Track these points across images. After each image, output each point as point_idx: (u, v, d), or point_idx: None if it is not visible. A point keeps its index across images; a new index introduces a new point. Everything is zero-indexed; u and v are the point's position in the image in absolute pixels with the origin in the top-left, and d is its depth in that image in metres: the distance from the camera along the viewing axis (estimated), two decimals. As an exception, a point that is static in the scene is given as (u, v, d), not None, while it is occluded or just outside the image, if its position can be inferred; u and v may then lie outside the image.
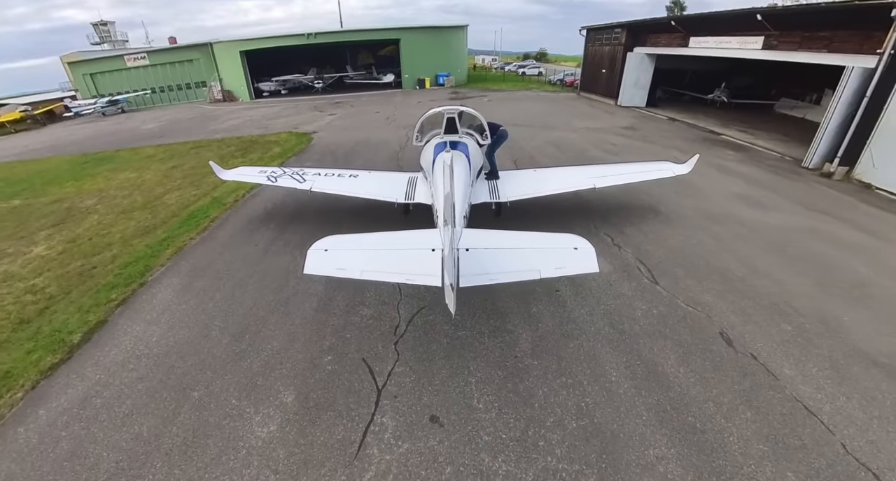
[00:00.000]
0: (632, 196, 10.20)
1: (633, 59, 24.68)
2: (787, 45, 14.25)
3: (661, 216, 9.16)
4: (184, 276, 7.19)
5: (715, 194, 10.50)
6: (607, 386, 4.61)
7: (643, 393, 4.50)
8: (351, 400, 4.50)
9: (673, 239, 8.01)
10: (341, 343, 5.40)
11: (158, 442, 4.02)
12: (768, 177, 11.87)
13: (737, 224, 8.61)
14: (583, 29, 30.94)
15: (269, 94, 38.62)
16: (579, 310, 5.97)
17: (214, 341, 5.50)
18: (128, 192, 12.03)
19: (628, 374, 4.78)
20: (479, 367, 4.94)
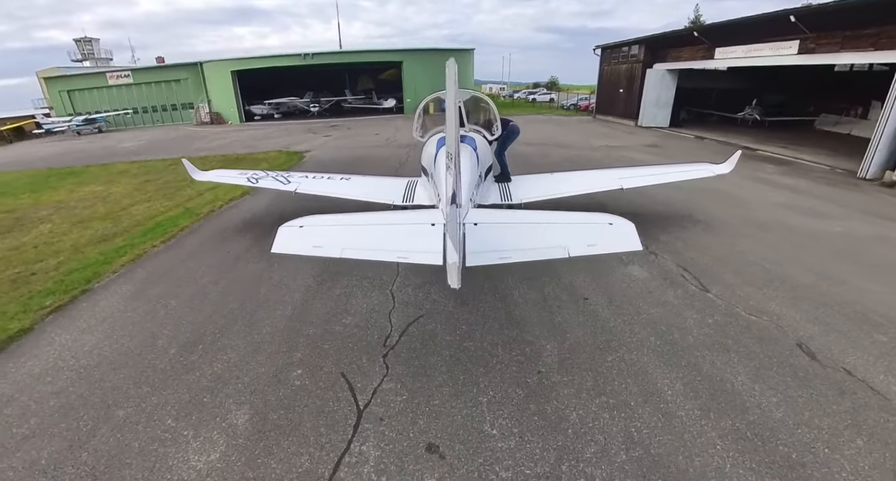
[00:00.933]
0: (662, 205, 9.81)
1: (652, 76, 25.05)
2: (827, 47, 14.21)
3: (699, 224, 8.74)
4: (137, 283, 6.63)
5: (759, 204, 10.15)
6: (663, 408, 3.84)
7: (712, 417, 3.72)
8: (322, 422, 3.75)
9: (717, 247, 7.50)
10: (316, 355, 4.70)
11: (57, 472, 3.25)
12: (820, 189, 11.43)
13: (791, 232, 8.19)
14: (597, 48, 31.85)
15: (260, 118, 39.44)
16: (615, 319, 5.29)
17: (159, 351, 4.82)
18: (90, 203, 11.69)
19: (689, 393, 4.02)
20: (491, 384, 4.20)
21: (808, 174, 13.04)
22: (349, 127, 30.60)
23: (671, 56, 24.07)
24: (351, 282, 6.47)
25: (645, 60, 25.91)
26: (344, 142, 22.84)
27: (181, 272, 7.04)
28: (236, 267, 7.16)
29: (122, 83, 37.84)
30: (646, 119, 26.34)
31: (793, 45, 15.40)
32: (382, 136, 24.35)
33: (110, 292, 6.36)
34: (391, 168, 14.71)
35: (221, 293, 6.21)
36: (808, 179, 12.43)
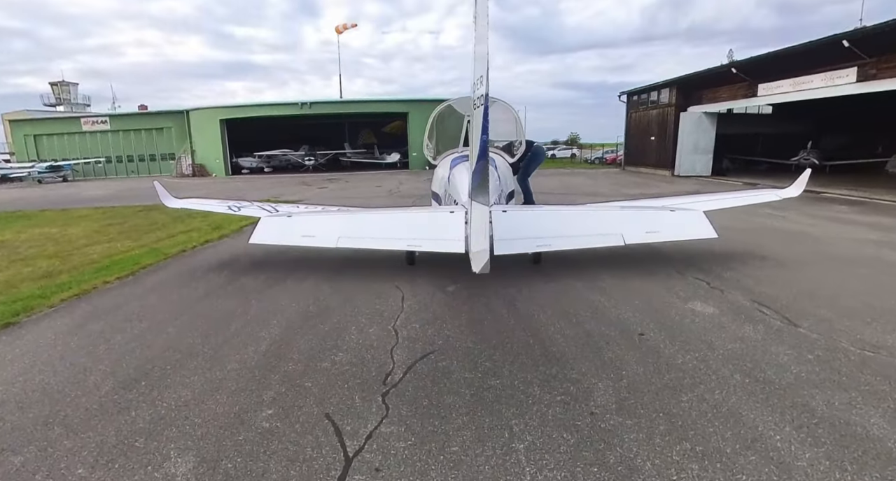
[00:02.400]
0: (716, 244, 9.40)
1: (687, 120, 25.77)
2: (891, 71, 14.45)
3: (768, 260, 8.44)
4: (77, 318, 6.20)
5: (838, 240, 9.90)
6: (775, 457, 3.16)
7: (849, 469, 3.02)
8: (294, 474, 3.10)
9: (797, 282, 7.16)
10: (294, 393, 4.11)
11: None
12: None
13: (889, 266, 7.69)
14: (622, 94, 33.25)
15: (248, 172, 40.63)
16: (682, 356, 4.72)
17: (89, 388, 4.26)
18: (38, 243, 11.52)
19: (805, 439, 3.34)
20: (528, 428, 3.56)
21: (890, 212, 12.73)
22: (347, 180, 31.33)
23: (707, 97, 24.92)
24: (344, 316, 5.97)
25: (677, 104, 26.80)
26: (342, 193, 23.17)
27: (135, 307, 6.60)
28: (204, 302, 6.73)
29: (98, 129, 39.44)
30: (683, 167, 26.66)
31: (850, 73, 15.75)
32: (385, 188, 24.74)
33: (42, 326, 5.90)
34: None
35: (181, 328, 5.72)
36: (893, 217, 12.11)
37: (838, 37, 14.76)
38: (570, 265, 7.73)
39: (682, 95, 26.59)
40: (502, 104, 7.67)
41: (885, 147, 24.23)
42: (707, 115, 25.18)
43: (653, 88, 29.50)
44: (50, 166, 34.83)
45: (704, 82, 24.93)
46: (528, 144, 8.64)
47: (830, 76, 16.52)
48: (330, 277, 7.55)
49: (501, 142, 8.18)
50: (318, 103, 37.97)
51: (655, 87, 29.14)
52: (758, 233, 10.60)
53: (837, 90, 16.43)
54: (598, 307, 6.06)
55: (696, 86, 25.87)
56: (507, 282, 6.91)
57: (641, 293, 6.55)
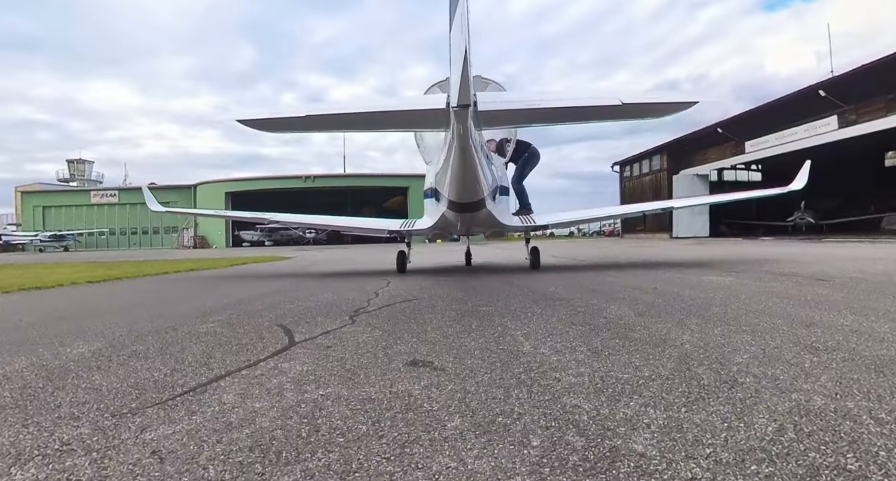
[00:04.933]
0: (726, 257, 9.15)
1: (680, 182, 26.11)
2: (871, 115, 14.72)
3: (784, 262, 7.97)
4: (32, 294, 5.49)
5: (856, 254, 9.37)
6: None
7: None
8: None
9: (825, 267, 6.46)
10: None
11: None
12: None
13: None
14: (615, 164, 34.09)
15: (249, 245, 40.64)
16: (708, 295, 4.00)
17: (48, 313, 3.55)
18: (21, 275, 10.90)
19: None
20: (527, 324, 2.84)
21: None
22: (346, 248, 31.14)
23: (697, 159, 25.45)
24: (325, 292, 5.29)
25: (669, 168, 27.32)
26: (341, 256, 22.81)
27: (95, 290, 5.93)
28: (168, 288, 6.05)
29: (105, 202, 40.07)
30: (681, 229, 26.50)
31: (831, 121, 16.09)
32: (387, 259, 24.39)
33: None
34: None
35: (131, 298, 5.01)
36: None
37: (814, 87, 15.34)
38: (575, 269, 7.19)
39: (673, 160, 27.20)
40: (495, 84, 7.33)
41: (877, 206, 24.34)
42: (699, 177, 25.55)
43: (644, 156, 30.30)
44: (53, 235, 34.83)
45: (693, 145, 25.62)
46: (525, 145, 8.31)
47: (813, 126, 16.91)
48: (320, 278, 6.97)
49: (492, 142, 7.90)
50: (322, 177, 38.91)
51: (647, 154, 29.94)
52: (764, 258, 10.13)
53: (821, 138, 16.71)
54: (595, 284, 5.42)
55: (685, 149, 26.56)
56: (504, 276, 6.35)
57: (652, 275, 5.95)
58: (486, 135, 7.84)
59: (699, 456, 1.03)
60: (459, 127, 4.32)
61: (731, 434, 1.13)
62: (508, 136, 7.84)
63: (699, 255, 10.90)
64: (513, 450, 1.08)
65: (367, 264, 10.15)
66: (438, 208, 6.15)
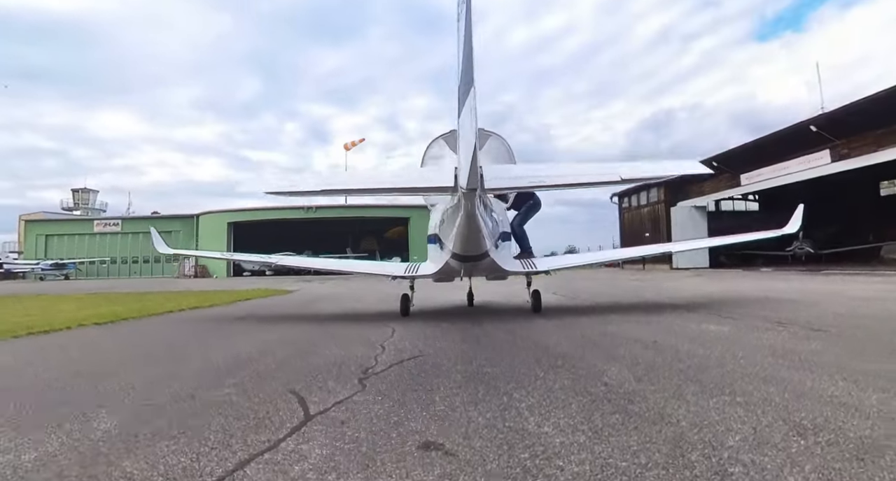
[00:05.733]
0: (724, 297, 9.30)
1: (678, 214, 26.41)
2: (862, 150, 15.07)
3: (783, 303, 8.20)
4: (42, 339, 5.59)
5: (854, 291, 9.70)
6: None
7: None
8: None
9: (818, 313, 6.63)
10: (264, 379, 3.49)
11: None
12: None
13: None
14: (614, 196, 34.47)
15: (250, 274, 40.63)
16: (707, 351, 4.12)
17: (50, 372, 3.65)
18: (25, 311, 10.99)
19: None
20: (531, 396, 2.95)
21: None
22: (346, 279, 31.16)
23: (694, 191, 25.78)
24: (330, 344, 5.38)
25: (667, 200, 27.65)
26: (343, 290, 22.89)
27: (104, 336, 6.03)
28: (176, 335, 6.16)
29: (108, 231, 40.40)
30: (681, 260, 26.61)
31: (824, 155, 16.44)
32: (388, 294, 24.45)
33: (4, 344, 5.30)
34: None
35: (141, 349, 5.13)
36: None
37: (805, 123, 15.76)
38: (576, 312, 7.32)
39: (671, 191, 27.54)
40: (497, 137, 7.66)
41: (875, 235, 24.54)
42: (697, 209, 25.85)
43: (642, 188, 30.65)
44: (54, 264, 34.94)
45: (689, 177, 25.99)
46: (529, 194, 8.49)
47: (807, 159, 17.27)
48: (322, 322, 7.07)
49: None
50: (323, 208, 39.27)
51: (644, 186, 30.31)
52: (769, 296, 10.21)
53: (815, 172, 17.06)
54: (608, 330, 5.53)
55: (682, 182, 26.91)
56: (506, 323, 6.48)
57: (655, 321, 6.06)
58: (491, 160, 8.12)
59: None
60: (468, 204, 4.71)
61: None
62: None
63: (699, 292, 11.02)
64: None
65: (370, 302, 10.23)
66: (442, 256, 6.31)
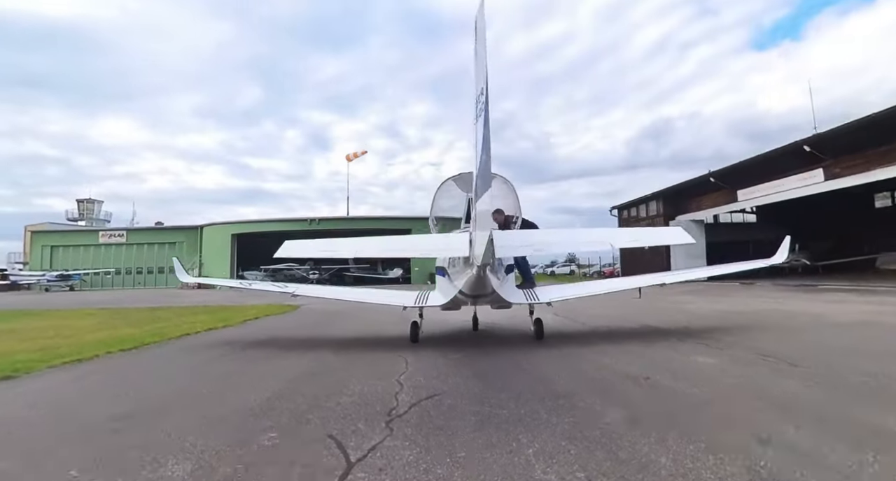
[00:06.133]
0: (716, 320, 9.73)
1: (677, 228, 26.99)
2: (853, 170, 15.60)
3: (769, 330, 8.52)
4: (75, 371, 6.05)
5: (840, 314, 10.03)
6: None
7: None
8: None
9: (798, 341, 7.14)
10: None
11: None
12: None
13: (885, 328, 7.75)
14: (613, 208, 34.99)
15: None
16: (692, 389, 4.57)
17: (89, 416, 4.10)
18: (43, 330, 11.41)
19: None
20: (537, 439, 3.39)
21: (882, 293, 12.87)
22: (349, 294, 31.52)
23: (692, 206, 26.29)
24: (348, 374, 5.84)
25: (665, 214, 28.16)
26: (348, 307, 23.22)
27: (135, 366, 6.49)
28: (202, 366, 6.60)
29: (113, 242, 40.93)
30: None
31: (817, 174, 16.98)
32: (391, 315, 24.83)
33: (44, 377, 5.76)
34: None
35: (177, 384, 5.58)
36: (882, 295, 12.27)
37: (798, 143, 16.33)
38: (575, 340, 7.77)
39: (669, 206, 28.07)
40: (502, 179, 8.25)
41: (870, 247, 25.09)
42: (694, 223, 26.34)
43: (641, 201, 31.20)
44: (60, 275, 35.47)
45: (688, 192, 26.54)
46: (531, 225, 8.97)
47: (802, 177, 17.82)
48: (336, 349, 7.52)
49: (500, 214, 8.61)
50: (326, 220, 39.85)
51: (643, 200, 30.85)
52: (758, 314, 10.64)
53: (809, 189, 17.60)
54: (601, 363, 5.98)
55: (680, 196, 27.46)
56: (511, 352, 6.96)
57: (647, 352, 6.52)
58: (494, 205, 8.64)
59: None
60: (480, 271, 5.46)
61: None
62: (516, 216, 8.54)
63: (695, 313, 11.45)
64: None
65: (376, 322, 10.59)
66: (451, 290, 6.78)
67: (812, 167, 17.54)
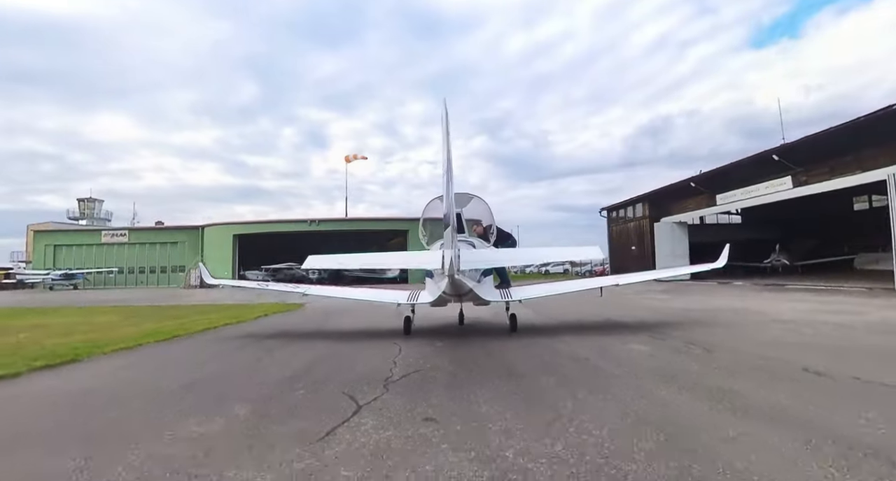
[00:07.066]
0: (673, 316, 11.23)
1: (661, 229, 28.41)
2: (818, 178, 17.16)
3: (712, 325, 9.92)
4: (129, 357, 7.42)
5: (785, 312, 11.51)
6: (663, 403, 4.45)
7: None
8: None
9: (730, 334, 8.51)
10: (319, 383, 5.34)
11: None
12: (858, 300, 13.26)
13: (833, 327, 9.08)
14: (602, 210, 36.49)
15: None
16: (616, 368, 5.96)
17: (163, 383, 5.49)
18: (70, 326, 12.61)
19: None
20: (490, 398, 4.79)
21: (846, 293, 14.37)
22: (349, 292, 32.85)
23: (676, 209, 27.81)
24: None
25: (651, 216, 29.68)
26: (351, 304, 24.52)
27: (178, 352, 7.88)
28: (233, 352, 7.97)
29: (115, 242, 42.26)
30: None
31: (786, 181, 18.50)
32: (387, 312, 26.19)
33: (102, 360, 7.12)
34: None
35: (220, 363, 6.96)
36: (847, 295, 13.78)
37: (768, 152, 17.82)
38: (543, 332, 9.20)
39: (654, 208, 29.59)
40: (478, 198, 9.98)
41: (850, 247, 26.57)
42: (678, 225, 27.83)
43: (628, 203, 32.73)
44: (64, 274, 36.75)
45: (671, 196, 28.06)
46: (506, 236, 10.57)
47: (773, 184, 19.36)
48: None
49: (479, 226, 10.09)
50: (326, 221, 41.23)
51: (630, 202, 32.40)
52: (715, 312, 12.09)
53: (779, 195, 19.15)
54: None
55: (664, 199, 28.98)
56: (486, 343, 8.40)
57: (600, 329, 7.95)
58: (474, 215, 10.19)
59: None
60: (450, 277, 7.08)
61: None
62: (491, 225, 10.06)
63: (658, 309, 12.91)
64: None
65: (374, 319, 11.96)
66: (436, 290, 8.21)
67: (782, 174, 19.02)
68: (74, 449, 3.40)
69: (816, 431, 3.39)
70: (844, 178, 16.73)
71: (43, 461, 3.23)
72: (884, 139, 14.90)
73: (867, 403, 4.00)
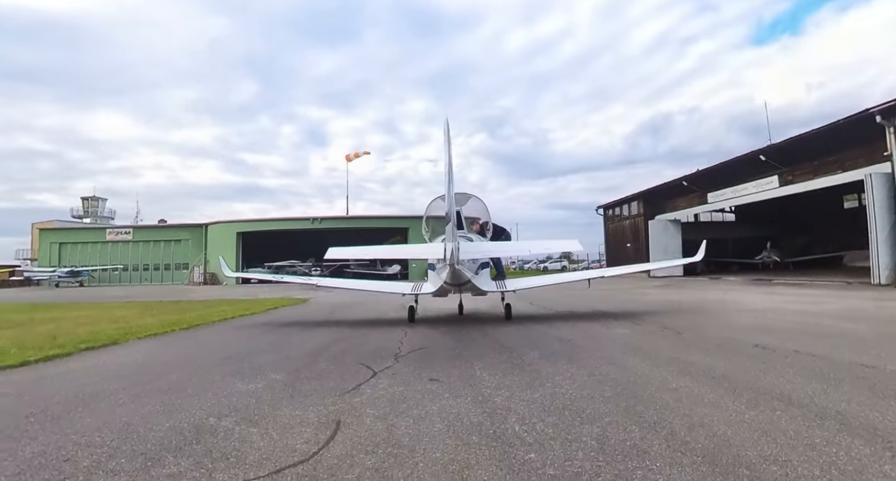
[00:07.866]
0: (658, 307, 12.17)
1: (655, 226, 29.29)
2: (802, 177, 18.11)
3: (689, 314, 10.78)
4: (162, 341, 8.28)
5: (761, 303, 12.40)
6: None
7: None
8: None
9: (703, 320, 9.31)
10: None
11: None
12: (833, 293, 14.19)
13: (796, 314, 9.91)
14: (599, 208, 37.37)
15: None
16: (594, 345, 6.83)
17: (203, 358, 6.37)
18: (90, 318, 13.41)
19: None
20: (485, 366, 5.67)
21: (825, 287, 15.29)
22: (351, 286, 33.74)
23: (669, 207, 28.72)
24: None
25: (645, 213, 30.58)
26: (353, 299, 25.42)
27: (204, 337, 8.75)
28: (256, 336, 8.87)
29: (120, 239, 43.27)
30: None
31: (773, 180, 19.43)
32: (391, 302, 27.10)
33: (137, 344, 7.99)
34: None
35: (246, 344, 7.85)
36: (826, 289, 14.73)
37: (755, 152, 18.75)
38: (535, 320, 10.10)
39: (649, 206, 30.51)
40: (476, 198, 10.90)
41: (840, 245, 27.48)
42: (672, 223, 28.72)
43: (623, 202, 33.65)
44: (70, 271, 37.77)
45: (665, 194, 28.97)
46: (501, 230, 11.49)
47: (760, 184, 20.30)
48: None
49: (476, 222, 11.01)
50: (327, 219, 42.15)
51: (626, 200, 33.32)
52: (697, 302, 12.97)
53: (767, 194, 20.09)
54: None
55: (658, 197, 29.90)
56: (482, 327, 9.30)
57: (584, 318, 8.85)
58: (472, 213, 11.13)
59: None
60: (451, 266, 8.02)
61: None
62: (488, 221, 10.99)
63: (646, 302, 13.80)
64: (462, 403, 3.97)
65: (379, 310, 12.86)
66: (438, 280, 9.12)
67: (769, 174, 19.93)
68: (151, 399, 4.30)
69: (741, 385, 4.29)
70: (827, 178, 17.65)
71: (130, 405, 4.12)
72: (862, 141, 15.81)
73: (792, 367, 4.89)
